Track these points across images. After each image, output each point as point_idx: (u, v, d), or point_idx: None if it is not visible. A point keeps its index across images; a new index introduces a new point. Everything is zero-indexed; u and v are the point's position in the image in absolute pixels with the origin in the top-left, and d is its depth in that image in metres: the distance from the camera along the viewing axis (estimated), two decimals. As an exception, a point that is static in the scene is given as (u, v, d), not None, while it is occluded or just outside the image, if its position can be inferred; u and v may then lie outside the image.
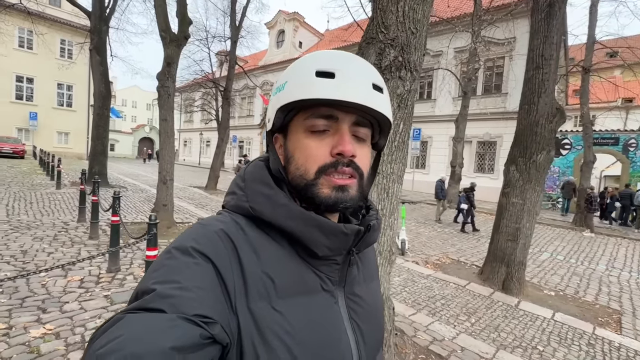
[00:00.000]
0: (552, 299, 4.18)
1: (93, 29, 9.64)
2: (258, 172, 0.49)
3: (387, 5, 2.02)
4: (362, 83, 0.45)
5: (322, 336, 0.43)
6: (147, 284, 0.37)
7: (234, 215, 0.47)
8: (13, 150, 16.65)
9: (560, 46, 4.34)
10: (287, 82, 0.47)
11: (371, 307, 0.53)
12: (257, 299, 0.40)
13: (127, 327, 0.31)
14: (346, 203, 0.46)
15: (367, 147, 0.50)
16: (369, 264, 0.57)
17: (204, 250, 0.40)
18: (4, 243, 4.04)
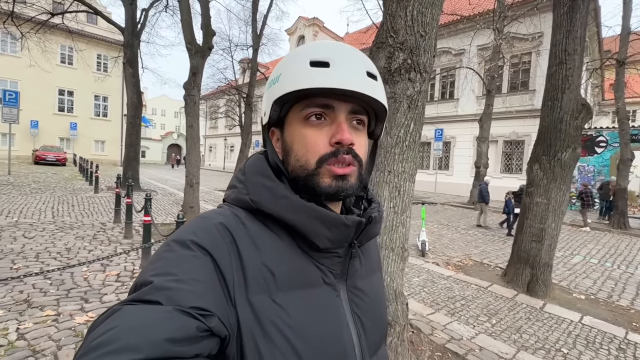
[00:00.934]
0: (581, 303, 4.00)
1: (126, 44, 10.35)
2: (258, 165, 0.49)
3: (396, 10, 2.10)
4: (357, 71, 0.45)
5: (323, 329, 0.43)
6: (145, 276, 0.37)
7: (234, 208, 0.47)
8: (56, 158, 18.03)
9: (585, 40, 4.17)
10: (281, 74, 0.47)
11: (373, 300, 0.52)
12: (257, 291, 0.40)
13: (123, 319, 0.31)
14: (347, 191, 0.46)
15: (364, 135, 0.50)
16: (370, 257, 0.57)
17: (202, 243, 0.40)
18: (51, 241, 4.47)
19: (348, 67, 0.44)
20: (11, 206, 6.57)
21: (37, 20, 10.40)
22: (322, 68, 0.44)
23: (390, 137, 2.11)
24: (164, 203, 8.84)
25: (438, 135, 14.25)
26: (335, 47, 0.47)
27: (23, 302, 2.72)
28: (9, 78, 19.82)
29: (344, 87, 0.43)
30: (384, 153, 2.12)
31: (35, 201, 7.32)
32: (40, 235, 4.72)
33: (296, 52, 0.48)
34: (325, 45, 0.47)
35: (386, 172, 2.12)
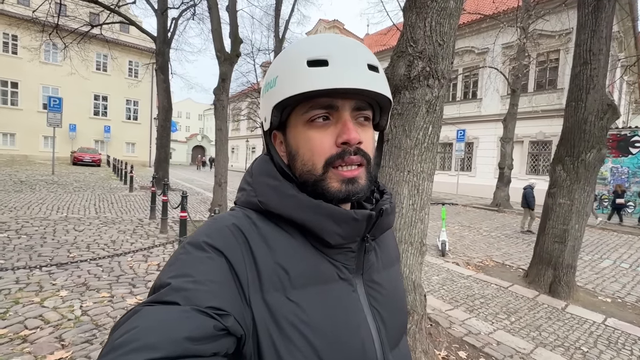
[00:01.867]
0: (606, 305, 3.95)
1: (158, 52, 10.99)
2: (264, 166, 0.49)
3: (416, 21, 2.27)
4: (358, 66, 0.43)
5: (340, 325, 0.43)
6: (162, 278, 0.38)
7: (246, 210, 0.47)
8: (92, 159, 19.28)
9: (611, 40, 4.12)
10: (277, 77, 0.45)
11: (391, 293, 0.52)
12: (272, 290, 0.40)
13: (143, 319, 0.33)
14: (358, 194, 0.45)
15: (370, 130, 0.49)
16: (387, 249, 0.56)
17: (216, 244, 0.40)
18: (98, 234, 4.97)
19: (348, 62, 0.43)
20: (60, 203, 7.23)
21: (78, 32, 11.27)
22: (321, 67, 0.42)
23: (409, 139, 2.28)
24: (192, 202, 9.33)
25: (460, 136, 14.06)
26: (332, 42, 0.44)
27: (82, 285, 3.12)
28: (52, 85, 21.43)
29: (346, 86, 0.41)
30: (403, 154, 2.28)
31: (79, 199, 7.99)
32: (88, 229, 5.24)
33: (291, 50, 0.46)
34: (321, 41, 0.45)
35: (406, 171, 2.28)
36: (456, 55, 16.78)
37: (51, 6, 9.99)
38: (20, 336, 2.21)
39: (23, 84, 20.70)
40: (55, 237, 4.65)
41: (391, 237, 0.61)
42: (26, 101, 20.80)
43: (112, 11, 10.44)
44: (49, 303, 2.71)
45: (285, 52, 0.47)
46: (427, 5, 2.23)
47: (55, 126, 12.42)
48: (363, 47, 0.46)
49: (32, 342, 2.16)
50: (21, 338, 2.19)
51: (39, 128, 20.30)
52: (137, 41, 23.17)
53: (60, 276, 3.27)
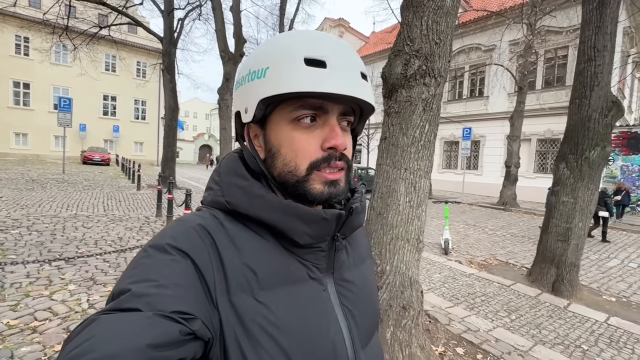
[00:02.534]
0: (610, 304, 3.92)
1: (164, 52, 11.14)
2: (232, 165, 0.48)
3: (412, 20, 2.29)
4: (353, 73, 0.43)
5: (311, 325, 0.43)
6: (122, 284, 0.36)
7: (213, 210, 0.46)
8: (101, 159, 19.65)
9: (615, 36, 4.06)
10: (268, 69, 0.43)
11: (363, 290, 0.52)
12: (239, 292, 0.40)
13: (100, 328, 0.31)
14: (338, 197, 0.46)
15: (349, 135, 0.49)
16: (358, 246, 0.56)
17: (181, 246, 0.39)
18: (106, 231, 5.10)
19: (345, 69, 0.43)
20: (69, 201, 7.42)
21: (87, 33, 11.48)
22: (319, 69, 0.41)
23: (406, 137, 2.31)
24: (198, 200, 9.44)
25: (466, 134, 13.94)
26: (331, 44, 0.44)
27: (89, 280, 3.22)
28: (62, 86, 21.87)
29: (341, 93, 0.41)
30: (400, 152, 2.31)
31: (88, 197, 8.18)
32: (96, 226, 5.38)
33: (286, 43, 0.44)
34: (321, 41, 0.44)
35: (402, 169, 2.31)
36: (462, 52, 16.66)
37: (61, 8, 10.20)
38: (30, 327, 2.31)
39: (34, 85, 21.17)
40: (65, 233, 4.79)
41: (362, 233, 0.60)
42: (38, 102, 21.27)
43: (120, 12, 10.61)
44: (58, 296, 2.82)
45: (278, 43, 0.45)
46: (423, 4, 2.25)
47: (66, 126, 12.69)
48: (356, 55, 0.46)
49: (41, 332, 2.26)
50: (31, 329, 2.29)
51: (50, 128, 20.75)
52: (145, 42, 23.48)
53: (69, 271, 3.38)
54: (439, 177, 17.05)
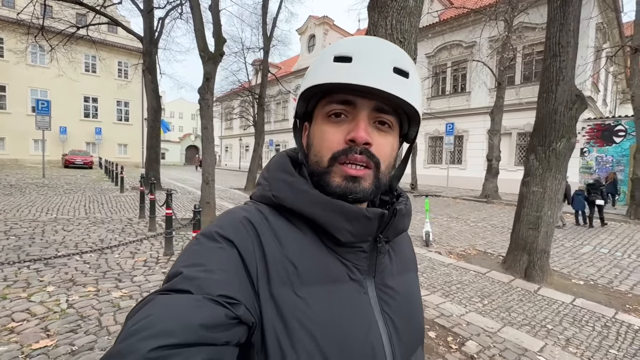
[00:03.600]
0: (578, 287, 4.14)
1: (145, 52, 10.99)
2: (281, 162, 0.50)
3: (378, 20, 2.39)
4: (381, 66, 0.43)
5: (349, 326, 0.42)
6: (176, 268, 0.38)
7: (259, 205, 0.48)
8: (84, 162, 19.19)
9: (578, 33, 4.27)
10: (309, 71, 0.48)
11: (406, 300, 0.50)
12: (280, 284, 0.40)
13: (157, 307, 0.33)
14: (356, 194, 0.44)
15: (390, 136, 0.47)
16: (403, 254, 0.55)
17: (227, 235, 0.41)
18: (86, 234, 5.06)
19: (371, 61, 0.42)
20: (49, 205, 7.28)
21: (64, 33, 11.21)
22: (344, 63, 0.43)
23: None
24: (183, 200, 9.41)
25: (449, 129, 14.24)
26: (361, 41, 0.45)
27: (69, 281, 3.23)
28: (40, 87, 21.22)
29: (360, 83, 0.41)
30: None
31: (69, 200, 8.04)
32: (77, 229, 5.32)
33: (326, 48, 0.48)
34: (353, 40, 0.45)
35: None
36: (444, 49, 16.96)
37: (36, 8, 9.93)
38: (7, 328, 2.32)
39: (10, 87, 20.47)
40: (44, 237, 4.74)
41: (407, 243, 0.60)
42: (14, 105, 20.59)
43: (98, 12, 10.40)
44: (36, 298, 2.82)
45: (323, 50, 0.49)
46: (387, 4, 2.35)
47: (45, 129, 12.36)
48: (393, 48, 0.45)
49: (18, 332, 2.27)
50: (8, 330, 2.30)
51: (29, 131, 20.12)
52: (125, 41, 22.99)
53: (47, 273, 3.37)
54: (425, 172, 17.36)
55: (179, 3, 11.37)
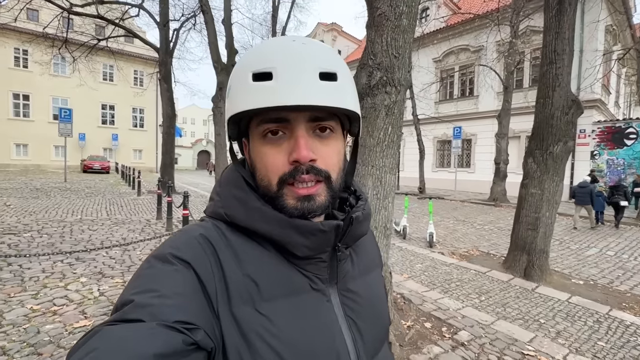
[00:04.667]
0: (576, 287, 4.26)
1: (161, 62, 11.53)
2: (232, 176, 0.48)
3: (374, 37, 2.66)
4: (305, 77, 0.40)
5: (313, 337, 0.42)
6: (126, 296, 0.36)
7: (215, 220, 0.46)
8: (101, 167, 20.00)
9: (573, 40, 4.44)
10: (230, 89, 0.45)
11: (369, 301, 0.51)
12: (241, 303, 0.39)
13: (104, 340, 0.30)
14: (315, 212, 0.44)
15: (334, 141, 0.46)
16: (365, 256, 0.55)
17: (183, 256, 0.39)
18: (110, 233, 5.47)
19: (294, 74, 0.40)
20: (74, 207, 7.78)
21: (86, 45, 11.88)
22: (265, 82, 0.40)
23: (372, 139, 2.66)
24: (196, 203, 9.80)
25: (457, 133, 14.33)
26: (278, 51, 0.42)
27: (98, 274, 3.59)
28: (61, 96, 22.28)
29: (290, 103, 0.39)
30: (367, 151, 2.67)
31: (91, 203, 8.54)
32: (101, 228, 5.75)
33: (240, 62, 0.45)
34: (267, 50, 0.43)
35: (370, 166, 2.67)
36: (452, 53, 17.09)
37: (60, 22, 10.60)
38: (51, 311, 2.67)
39: (34, 96, 21.58)
40: (73, 235, 5.16)
41: (371, 242, 0.59)
42: (37, 113, 21.66)
43: (117, 25, 11.01)
44: (72, 287, 3.19)
45: (239, 61, 0.46)
46: (382, 24, 2.62)
47: (67, 136, 13.04)
48: (316, 51, 0.43)
49: (60, 314, 2.62)
50: (52, 312, 2.65)
51: (50, 138, 21.14)
52: (142, 51, 23.89)
53: (79, 267, 3.74)
54: (433, 175, 17.42)
55: (192, 15, 11.92)
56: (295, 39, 0.43)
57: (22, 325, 2.45)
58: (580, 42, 12.27)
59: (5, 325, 2.46)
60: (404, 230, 6.52)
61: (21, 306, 2.76)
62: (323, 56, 0.43)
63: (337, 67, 0.43)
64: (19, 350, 2.16)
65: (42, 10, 16.76)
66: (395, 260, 5.09)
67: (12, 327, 2.43)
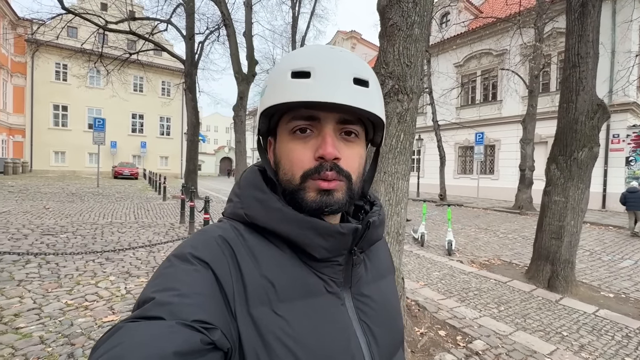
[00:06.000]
0: (606, 299, 4.04)
1: (187, 73, 12.10)
2: (251, 178, 0.49)
3: (387, 47, 2.73)
4: (341, 79, 0.42)
5: (328, 339, 0.42)
6: (147, 293, 0.37)
7: (233, 222, 0.47)
8: (130, 173, 21.06)
9: (599, 43, 4.29)
10: (266, 87, 0.47)
11: (382, 306, 0.51)
12: (258, 304, 0.40)
13: (126, 336, 0.32)
14: (332, 207, 0.45)
15: (357, 146, 0.48)
16: (378, 262, 0.56)
17: (202, 256, 0.40)
18: (137, 235, 5.80)
19: (331, 75, 0.42)
20: (105, 210, 8.29)
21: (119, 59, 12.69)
22: (303, 79, 0.42)
23: (385, 145, 2.71)
24: (217, 209, 10.11)
25: (479, 139, 13.98)
26: (317, 53, 0.45)
27: (125, 273, 3.82)
28: (95, 107, 23.81)
29: (323, 100, 0.41)
30: (379, 158, 2.71)
31: (120, 207, 9.06)
32: (129, 231, 6.09)
33: (281, 61, 0.48)
34: (307, 52, 0.45)
35: (382, 172, 2.71)
36: (474, 58, 16.78)
37: (96, 38, 11.42)
38: (83, 306, 2.90)
39: (71, 107, 23.19)
40: (104, 237, 5.51)
41: (383, 248, 0.60)
42: (74, 122, 23.22)
43: (147, 40, 11.69)
44: (102, 285, 3.42)
45: (277, 63, 0.49)
46: (394, 33, 2.68)
47: (100, 144, 13.90)
48: (352, 59, 0.45)
49: (91, 309, 2.83)
50: (84, 307, 2.87)
51: (85, 146, 22.56)
52: (169, 63, 25.16)
53: (109, 266, 4.00)
54: (455, 182, 17.01)
55: (216, 27, 12.46)
56: (333, 47, 0.47)
57: (58, 318, 2.68)
58: (611, 43, 11.72)
59: (44, 317, 2.69)
60: (422, 238, 6.44)
61: (57, 301, 3.01)
62: (357, 64, 0.45)
63: (369, 76, 0.45)
64: (54, 340, 2.36)
65: (80, 27, 18.10)
66: (412, 268, 5.04)
67: (49, 319, 2.66)
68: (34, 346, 2.27)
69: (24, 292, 3.16)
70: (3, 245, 4.57)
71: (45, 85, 22.12)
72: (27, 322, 2.59)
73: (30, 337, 2.39)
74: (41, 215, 7.09)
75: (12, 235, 5.29)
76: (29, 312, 2.78)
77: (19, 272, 3.67)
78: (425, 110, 17.45)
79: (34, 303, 2.95)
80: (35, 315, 2.72)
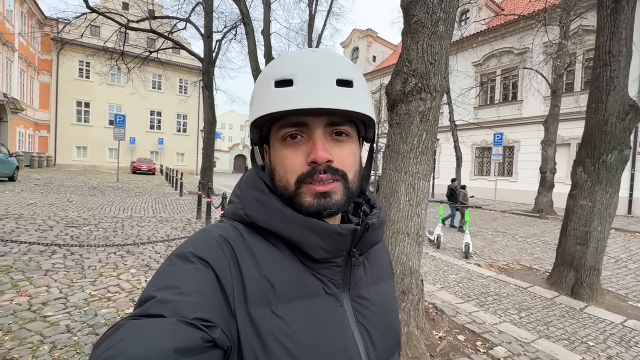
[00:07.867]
0: (634, 310, 3.86)
1: (204, 71, 12.28)
2: (252, 179, 0.50)
3: (410, 44, 2.67)
4: (323, 83, 0.43)
5: (326, 340, 0.43)
6: (148, 291, 0.37)
7: (234, 222, 0.48)
8: (148, 168, 21.59)
9: (632, 41, 4.08)
10: (253, 97, 0.48)
11: (381, 309, 0.51)
12: (257, 303, 0.41)
13: (128, 332, 0.32)
14: (330, 209, 0.45)
15: (350, 145, 0.48)
16: (377, 264, 0.56)
17: (202, 255, 0.41)
18: (156, 230, 5.93)
19: (313, 81, 0.43)
20: (125, 205, 8.52)
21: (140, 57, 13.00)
22: (286, 88, 0.43)
23: (406, 145, 2.66)
24: (233, 205, 10.29)
25: (497, 139, 13.61)
26: (298, 59, 0.45)
27: (145, 266, 3.92)
28: (116, 104, 24.51)
29: (309, 107, 0.42)
30: (401, 158, 2.67)
31: (139, 202, 9.29)
32: (148, 225, 6.24)
33: (264, 70, 0.48)
34: (289, 60, 0.46)
35: (403, 172, 2.66)
36: (493, 57, 16.35)
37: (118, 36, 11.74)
38: (105, 297, 2.98)
39: (93, 104, 23.96)
40: (124, 230, 5.67)
41: (383, 252, 0.60)
42: (95, 119, 23.99)
43: (166, 38, 11.93)
44: (123, 277, 3.52)
45: (262, 72, 0.49)
46: (418, 31, 2.62)
47: (120, 140, 14.29)
48: (334, 61, 0.46)
49: (114, 301, 2.91)
50: (106, 298, 2.95)
51: (106, 141, 23.28)
52: (187, 61, 25.61)
53: (129, 259, 4.10)
54: (471, 183, 16.62)
55: (234, 26, 12.59)
56: (315, 50, 0.47)
57: (83, 308, 2.76)
58: (643, 40, 11.17)
59: (69, 306, 2.79)
60: (437, 239, 6.34)
61: (82, 291, 3.10)
62: (340, 65, 0.46)
63: (353, 75, 0.45)
64: (80, 329, 2.43)
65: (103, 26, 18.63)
66: (428, 270, 4.95)
67: (74, 308, 2.75)
68: (61, 334, 2.35)
69: (50, 282, 3.28)
70: (31, 236, 4.77)
71: (69, 83, 22.95)
72: (54, 311, 2.69)
73: (58, 325, 2.48)
74: (65, 208, 7.36)
75: (38, 226, 5.51)
76: (56, 301, 2.88)
77: (45, 262, 3.81)
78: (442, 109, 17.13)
79: (60, 292, 3.06)
80: (62, 305, 2.81)
